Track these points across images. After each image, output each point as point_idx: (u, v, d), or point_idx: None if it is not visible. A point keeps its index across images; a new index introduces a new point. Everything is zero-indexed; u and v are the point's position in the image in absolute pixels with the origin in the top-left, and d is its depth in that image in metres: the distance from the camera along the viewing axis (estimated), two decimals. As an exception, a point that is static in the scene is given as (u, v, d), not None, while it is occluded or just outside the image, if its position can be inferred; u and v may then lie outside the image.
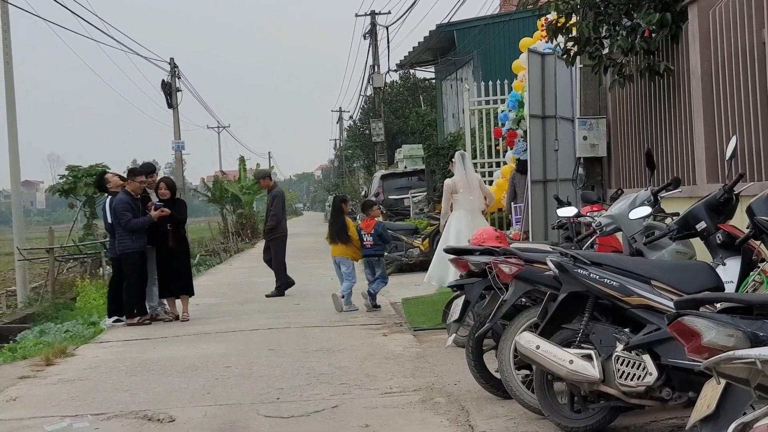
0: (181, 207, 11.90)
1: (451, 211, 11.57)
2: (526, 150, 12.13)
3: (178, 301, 11.82)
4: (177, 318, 11.65)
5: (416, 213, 22.48)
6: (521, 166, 13.44)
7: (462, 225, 11.23)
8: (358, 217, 15.60)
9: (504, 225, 15.15)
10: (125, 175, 11.98)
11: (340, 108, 71.94)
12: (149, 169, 12.68)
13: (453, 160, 11.99)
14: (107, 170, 24.57)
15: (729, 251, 5.13)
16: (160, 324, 11.34)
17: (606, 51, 8.92)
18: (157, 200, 11.70)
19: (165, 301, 11.85)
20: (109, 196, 11.84)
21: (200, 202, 71.27)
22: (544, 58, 11.33)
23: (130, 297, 11.38)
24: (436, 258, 11.40)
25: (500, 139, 16.36)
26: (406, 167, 30.15)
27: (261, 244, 34.92)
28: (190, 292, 11.96)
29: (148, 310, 11.55)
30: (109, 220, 11.54)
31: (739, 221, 5.39)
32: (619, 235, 7.17)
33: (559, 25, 9.04)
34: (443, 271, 10.86)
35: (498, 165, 17.33)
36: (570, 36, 9.03)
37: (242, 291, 15.51)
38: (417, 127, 41.50)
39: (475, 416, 5.85)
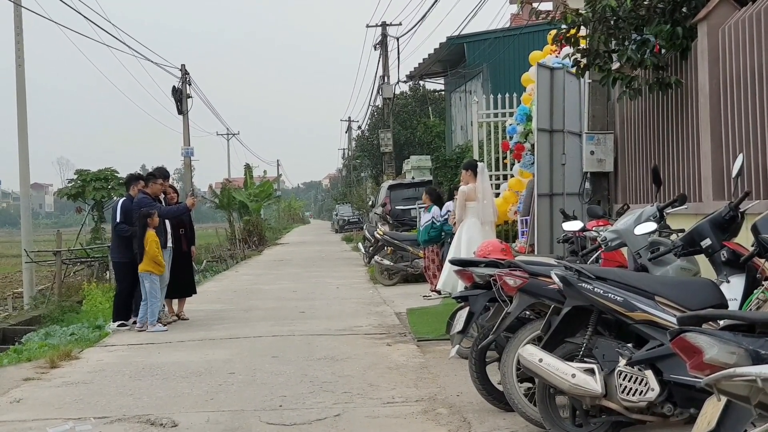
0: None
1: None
2: (533, 163, 12.14)
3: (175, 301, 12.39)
4: (179, 318, 12.19)
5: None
6: None
7: (473, 233, 11.26)
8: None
9: (510, 237, 15.14)
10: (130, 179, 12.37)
11: (349, 117, 72.08)
12: (165, 173, 13.03)
13: (465, 170, 12.00)
14: (116, 173, 24.75)
15: (733, 269, 5.14)
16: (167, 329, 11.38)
17: (615, 65, 8.93)
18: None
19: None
20: (122, 198, 12.03)
21: (208, 208, 71.45)
22: (553, 72, 11.35)
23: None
24: (447, 266, 11.40)
25: (508, 152, 16.39)
26: (413, 178, 30.18)
27: (268, 251, 35.01)
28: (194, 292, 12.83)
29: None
30: (117, 219, 11.63)
31: (744, 239, 5.40)
32: (624, 251, 7.19)
33: (568, 35, 9.04)
34: (456, 279, 10.89)
35: (505, 178, 17.35)
36: (578, 48, 9.03)
37: (248, 298, 15.53)
38: (425, 138, 41.52)
39: (476, 428, 5.86)
